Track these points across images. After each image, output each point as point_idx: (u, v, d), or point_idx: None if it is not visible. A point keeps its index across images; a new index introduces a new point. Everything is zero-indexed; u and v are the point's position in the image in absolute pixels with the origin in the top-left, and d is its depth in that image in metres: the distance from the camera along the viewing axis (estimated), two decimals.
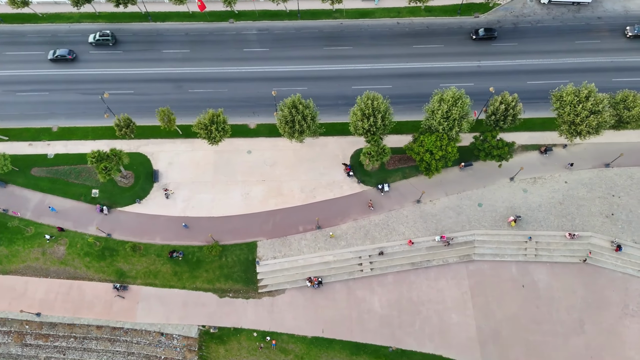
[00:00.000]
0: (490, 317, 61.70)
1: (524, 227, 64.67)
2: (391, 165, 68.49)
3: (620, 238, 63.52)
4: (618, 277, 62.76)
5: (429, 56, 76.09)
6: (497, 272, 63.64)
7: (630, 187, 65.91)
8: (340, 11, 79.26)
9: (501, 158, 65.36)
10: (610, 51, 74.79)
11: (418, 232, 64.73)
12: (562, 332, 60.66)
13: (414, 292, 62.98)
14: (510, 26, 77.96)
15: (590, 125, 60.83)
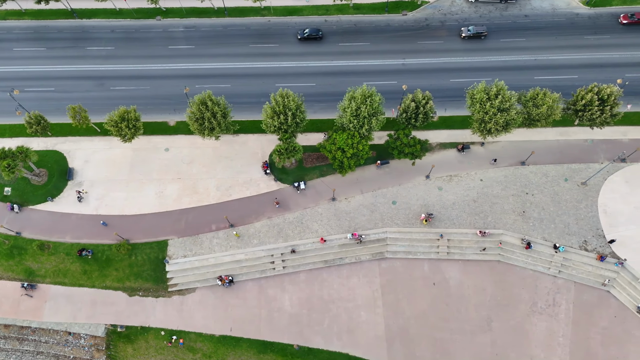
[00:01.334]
0: (400, 315, 61.80)
1: (436, 224, 64.81)
2: (309, 163, 68.40)
3: (531, 236, 63.79)
4: (529, 274, 63.06)
5: (355, 54, 76.02)
6: (409, 269, 63.77)
7: (544, 185, 66.24)
8: (269, 8, 79.37)
9: (414, 156, 65.47)
10: (535, 49, 75.23)
11: (331, 229, 64.69)
12: (469, 329, 60.88)
13: (325, 290, 62.93)
14: (437, 24, 78.18)
15: (498, 123, 61.23)
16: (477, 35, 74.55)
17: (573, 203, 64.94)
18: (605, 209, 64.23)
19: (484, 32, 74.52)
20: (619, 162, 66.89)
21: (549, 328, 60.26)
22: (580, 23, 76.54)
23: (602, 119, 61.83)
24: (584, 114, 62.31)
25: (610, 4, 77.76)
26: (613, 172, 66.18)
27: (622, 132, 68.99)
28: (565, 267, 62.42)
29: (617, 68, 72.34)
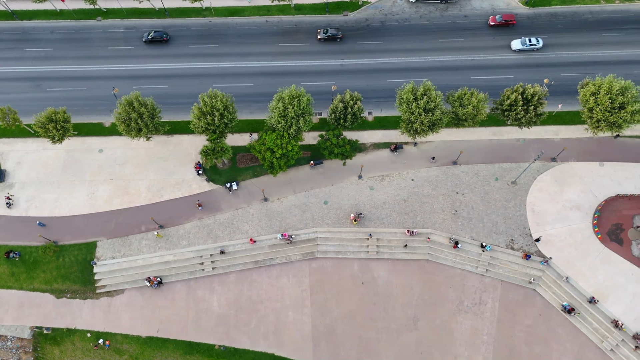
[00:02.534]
0: (327, 314, 62.05)
1: (366, 224, 65.14)
2: (242, 164, 68.51)
3: (459, 235, 64.30)
4: (457, 273, 63.52)
5: (294, 54, 76.29)
6: (339, 269, 64.03)
7: (475, 185, 66.72)
8: (210, 9, 79.36)
9: (344, 156, 65.84)
10: (472, 49, 75.73)
11: (262, 230, 64.87)
12: (395, 328, 61.23)
13: (254, 291, 63.10)
14: (378, 24, 78.49)
15: (423, 124, 61.60)
16: (332, 37, 73.26)
17: (502, 202, 65.51)
18: (533, 208, 64.82)
19: (339, 35, 73.39)
20: (549, 161, 67.92)
21: (474, 326, 60.74)
22: (518, 23, 77.10)
23: (527, 118, 62.43)
24: (509, 113, 63.03)
25: (549, 4, 78.45)
26: (543, 172, 66.76)
27: (554, 132, 69.70)
28: (493, 266, 62.99)
29: (552, 68, 72.90)
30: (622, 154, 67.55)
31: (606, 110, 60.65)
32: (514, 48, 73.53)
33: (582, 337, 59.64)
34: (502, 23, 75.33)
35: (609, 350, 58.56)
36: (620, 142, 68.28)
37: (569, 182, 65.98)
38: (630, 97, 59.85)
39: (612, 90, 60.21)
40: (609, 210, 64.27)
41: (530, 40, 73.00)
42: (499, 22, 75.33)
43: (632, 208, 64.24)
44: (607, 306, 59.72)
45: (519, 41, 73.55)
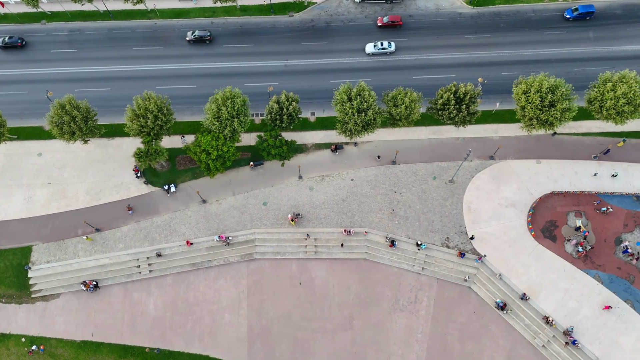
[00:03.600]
0: (263, 315, 62.25)
1: (304, 224, 65.36)
2: (181, 166, 68.49)
3: (395, 233, 64.74)
4: (393, 272, 63.91)
5: (238, 55, 76.39)
6: (277, 270, 64.23)
7: (413, 184, 67.17)
8: (155, 11, 79.21)
9: (282, 157, 66.00)
10: (416, 49, 76.05)
11: (199, 232, 64.93)
12: (330, 328, 61.51)
13: (191, 293, 63.16)
14: (323, 25, 78.77)
15: (357, 124, 61.90)
16: (201, 39, 73.51)
17: (439, 201, 65.98)
18: (469, 206, 65.33)
19: (207, 36, 73.53)
20: (487, 160, 68.48)
21: (409, 325, 61.14)
22: (462, 23, 77.59)
23: (460, 117, 62.92)
24: (443, 113, 63.49)
25: (492, 3, 79.01)
26: (481, 170, 67.35)
27: (494, 130, 70.30)
28: (429, 264, 63.50)
29: (494, 66, 73.61)
30: (559, 151, 68.23)
31: (537, 109, 61.41)
32: (368, 51, 73.23)
33: (515, 333, 60.23)
34: (389, 24, 75.91)
35: (541, 346, 59.17)
36: (557, 140, 68.94)
37: (505, 179, 66.59)
38: (560, 95, 60.67)
39: (542, 89, 60.99)
40: (543, 207, 64.96)
41: (382, 44, 73.34)
42: (386, 23, 75.88)
43: (567, 205, 64.98)
44: (538, 303, 60.41)
45: (372, 44, 73.75)
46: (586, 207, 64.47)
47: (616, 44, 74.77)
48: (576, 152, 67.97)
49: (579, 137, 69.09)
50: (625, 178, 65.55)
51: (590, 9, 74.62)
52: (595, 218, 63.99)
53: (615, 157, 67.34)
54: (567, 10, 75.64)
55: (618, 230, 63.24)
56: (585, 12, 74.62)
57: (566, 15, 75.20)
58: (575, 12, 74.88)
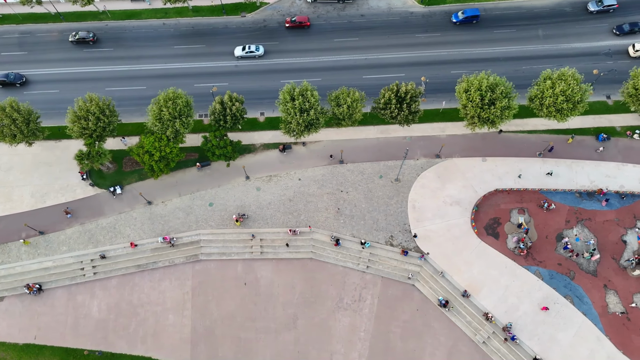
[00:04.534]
0: (207, 316, 62.45)
1: (250, 224, 65.64)
2: (128, 167, 68.57)
3: (340, 232, 65.13)
4: (339, 271, 64.26)
5: (189, 56, 76.56)
6: (222, 270, 64.45)
7: (359, 183, 67.56)
8: (106, 13, 79.11)
9: (227, 158, 66.15)
10: (367, 48, 76.42)
11: (144, 234, 65.02)
12: (274, 328, 61.83)
13: (135, 295, 63.27)
14: (275, 25, 79.06)
15: (299, 124, 62.21)
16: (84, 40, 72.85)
17: (385, 199, 66.44)
18: (414, 204, 65.85)
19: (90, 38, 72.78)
20: (434, 158, 68.99)
21: (352, 323, 61.54)
22: (414, 22, 78.21)
23: (402, 116, 63.39)
24: (385, 112, 63.92)
25: (444, 2, 79.65)
26: (427, 168, 67.89)
27: (441, 129, 70.86)
28: (373, 263, 63.91)
29: (443, 65, 74.03)
30: (505, 149, 68.85)
31: (478, 107, 62.00)
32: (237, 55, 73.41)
33: (457, 330, 60.77)
34: (296, 25, 76.47)
35: (481, 342, 59.73)
36: (504, 138, 69.58)
37: (451, 178, 67.16)
38: (499, 94, 61.30)
39: (482, 87, 61.58)
40: (487, 204, 65.57)
41: (250, 47, 73.74)
42: (293, 24, 76.49)
43: (510, 202, 65.65)
44: (479, 299, 61.00)
45: (240, 47, 73.67)
46: (529, 204, 65.10)
47: (565, 41, 75.56)
48: (521, 150, 68.59)
49: (524, 134, 69.78)
50: (568, 175, 66.46)
51: (475, 13, 75.20)
52: (538, 215, 64.64)
53: (560, 154, 68.01)
54: (454, 15, 76.06)
55: (560, 227, 63.98)
56: (471, 16, 75.17)
57: (453, 20, 75.79)
58: (461, 16, 75.40)
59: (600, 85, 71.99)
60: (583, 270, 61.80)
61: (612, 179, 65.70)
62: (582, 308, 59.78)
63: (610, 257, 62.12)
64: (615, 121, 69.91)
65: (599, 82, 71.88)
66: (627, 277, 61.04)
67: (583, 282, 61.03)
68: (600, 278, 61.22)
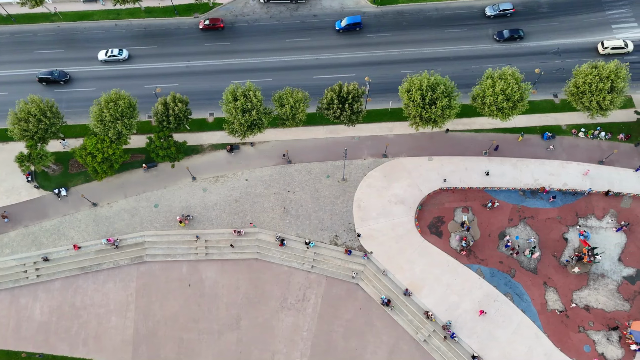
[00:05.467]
0: (150, 318, 62.62)
1: (195, 226, 65.89)
2: (74, 169, 68.59)
3: (286, 232, 65.48)
4: (284, 271, 64.60)
5: (140, 57, 76.76)
6: (167, 272, 64.60)
7: (306, 182, 67.94)
8: (58, 14, 79.01)
9: (171, 159, 66.35)
10: (318, 48, 76.85)
11: (88, 236, 65.14)
12: (217, 328, 62.09)
13: (79, 297, 63.35)
14: (228, 26, 79.36)
15: (242, 124, 62.44)
16: None
17: (331, 199, 66.83)
18: (360, 204, 66.27)
19: None
20: (381, 157, 69.38)
21: (295, 323, 61.89)
22: (366, 21, 78.50)
23: (344, 116, 63.81)
24: (328, 112, 64.30)
25: (396, 2, 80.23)
26: (374, 168, 68.39)
27: (389, 128, 71.37)
28: (318, 262, 64.26)
29: (394, 65, 74.45)
30: (452, 148, 69.49)
31: (419, 106, 62.55)
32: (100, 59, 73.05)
33: (399, 329, 61.23)
34: (209, 27, 76.73)
35: (422, 341, 60.24)
36: (450, 137, 70.20)
37: (397, 177, 67.66)
38: (440, 93, 61.82)
39: (423, 87, 62.09)
40: (432, 203, 66.13)
41: (113, 52, 73.43)
42: (206, 26, 76.70)
43: (455, 201, 66.21)
44: (421, 298, 61.54)
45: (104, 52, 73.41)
46: (473, 202, 65.78)
47: (515, 40, 76.44)
48: (468, 149, 69.24)
49: (471, 133, 70.44)
50: (513, 173, 67.11)
51: (356, 20, 75.35)
52: (482, 213, 65.25)
53: (505, 152, 68.74)
54: (337, 22, 75.99)
55: (503, 225, 64.61)
56: (353, 23, 75.31)
57: (336, 27, 75.90)
58: (343, 23, 75.56)
59: (548, 84, 73.26)
60: (524, 268, 62.66)
61: (556, 177, 66.53)
62: (522, 305, 60.62)
63: (551, 254, 63.05)
64: (562, 119, 71.15)
65: (546, 81, 73.08)
66: (567, 275, 61.96)
67: (523, 280, 61.79)
68: (541, 275, 62.12)
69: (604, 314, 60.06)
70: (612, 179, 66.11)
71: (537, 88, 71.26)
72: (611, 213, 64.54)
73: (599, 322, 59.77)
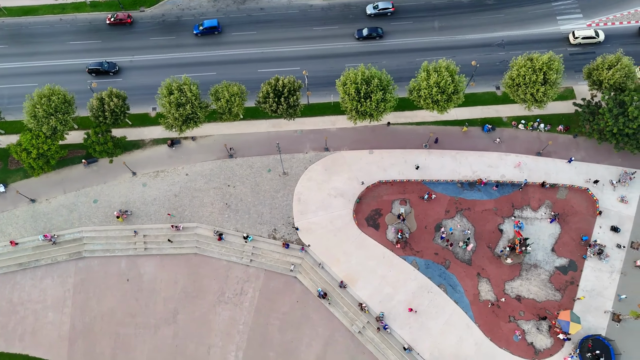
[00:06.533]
0: (87, 313, 63.11)
1: (134, 221, 66.24)
2: (13, 165, 68.68)
3: (224, 227, 65.98)
4: (223, 265, 65.16)
5: (84, 52, 76.59)
6: (105, 267, 65.07)
7: (247, 177, 68.40)
8: (2, 9, 78.59)
9: (109, 154, 66.52)
10: (263, 42, 76.67)
11: (26, 232, 65.38)
12: (154, 323, 62.68)
13: (16, 293, 63.62)
14: (174, 19, 79.32)
15: (177, 119, 62.67)
16: None
17: (271, 193, 67.36)
18: (300, 197, 66.87)
19: None
20: (323, 151, 69.86)
21: (232, 317, 62.58)
22: (312, 15, 78.94)
23: (281, 110, 64.15)
24: (265, 106, 64.63)
25: None
26: (315, 161, 68.92)
27: (332, 122, 71.76)
28: (256, 256, 64.94)
29: (339, 58, 74.63)
30: (393, 141, 70.15)
31: (354, 100, 62.96)
32: None
33: (335, 321, 62.04)
34: (116, 22, 76.91)
35: (357, 332, 61.13)
36: (392, 130, 70.82)
37: (337, 170, 68.23)
38: (375, 86, 62.19)
39: (357, 80, 62.45)
40: (370, 196, 66.83)
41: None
42: (113, 22, 76.79)
43: (393, 193, 66.95)
44: (356, 290, 62.37)
45: None
46: (412, 195, 66.54)
47: (460, 33, 77.05)
48: (409, 141, 69.89)
49: (413, 126, 71.05)
50: (452, 165, 67.79)
51: (213, 24, 75.12)
52: (419, 205, 66.04)
53: (446, 145, 69.47)
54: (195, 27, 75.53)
55: (439, 217, 65.49)
56: (209, 27, 75.25)
57: (194, 31, 75.64)
58: (200, 27, 75.47)
59: (491, 76, 73.91)
60: (458, 259, 63.59)
61: (494, 169, 67.36)
62: (455, 296, 61.68)
63: (486, 245, 64.03)
64: (503, 112, 71.87)
65: (490, 73, 73.82)
66: (501, 265, 62.94)
67: (457, 271, 62.76)
68: (475, 267, 63.09)
69: (535, 304, 61.30)
70: (549, 170, 67.20)
71: (475, 80, 72.19)
72: (547, 204, 65.84)
73: (530, 312, 60.99)
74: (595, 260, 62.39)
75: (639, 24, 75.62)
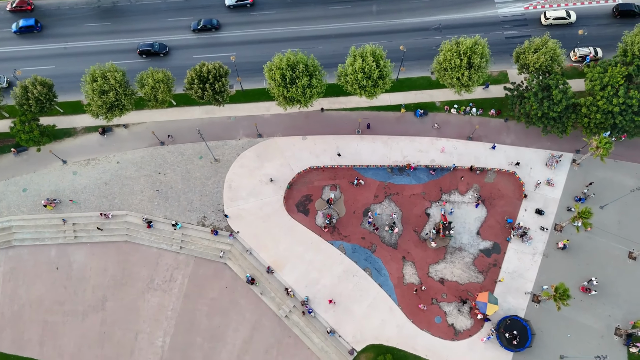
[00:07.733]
0: (16, 301, 63.76)
1: (63, 209, 66.58)
2: None
3: (154, 214, 66.53)
4: (153, 252, 65.82)
5: (13, 39, 75.58)
6: (35, 256, 65.56)
7: (178, 164, 68.77)
8: None
9: (35, 142, 66.44)
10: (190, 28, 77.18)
11: None
12: (82, 310, 63.49)
13: None
14: (109, 5, 78.70)
15: (101, 107, 62.62)
16: None
17: (202, 180, 67.86)
18: (230, 184, 67.42)
19: None
20: (256, 138, 70.27)
21: (160, 303, 63.50)
22: None
23: (207, 96, 64.19)
24: (191, 92, 64.67)
25: None
26: (247, 148, 69.35)
27: (266, 108, 72.03)
28: (186, 243, 65.67)
29: (274, 44, 73.84)
30: (327, 127, 70.68)
31: (281, 86, 63.15)
32: None
33: (263, 305, 63.15)
34: (16, 9, 76.26)
35: (284, 317, 62.32)
36: (326, 116, 71.25)
37: (270, 157, 68.74)
38: (300, 72, 62.31)
39: (282, 66, 62.53)
40: (301, 182, 67.54)
41: None
42: (14, 8, 76.15)
43: (324, 179, 67.66)
44: (283, 275, 63.43)
45: None
46: (342, 180, 67.29)
47: (397, 17, 77.13)
48: (342, 128, 70.41)
49: (346, 112, 71.49)
50: (383, 150, 68.48)
51: (30, 23, 74.21)
52: (349, 190, 66.88)
53: (379, 130, 70.08)
54: None
55: (368, 202, 66.43)
56: (26, 27, 74.27)
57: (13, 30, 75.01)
58: (17, 26, 74.42)
59: (426, 61, 74.11)
60: (385, 243, 64.70)
61: (425, 154, 68.15)
62: (379, 280, 62.94)
63: (413, 229, 65.23)
64: (436, 96, 72.49)
65: (425, 58, 74.12)
66: (426, 249, 64.15)
67: (383, 255, 63.96)
68: (400, 250, 64.27)
69: (458, 286, 62.71)
70: (479, 155, 68.18)
71: (410, 65, 72.50)
72: (474, 188, 66.89)
73: (452, 294, 62.47)
74: (519, 243, 63.91)
75: (611, 2, 76.13)
